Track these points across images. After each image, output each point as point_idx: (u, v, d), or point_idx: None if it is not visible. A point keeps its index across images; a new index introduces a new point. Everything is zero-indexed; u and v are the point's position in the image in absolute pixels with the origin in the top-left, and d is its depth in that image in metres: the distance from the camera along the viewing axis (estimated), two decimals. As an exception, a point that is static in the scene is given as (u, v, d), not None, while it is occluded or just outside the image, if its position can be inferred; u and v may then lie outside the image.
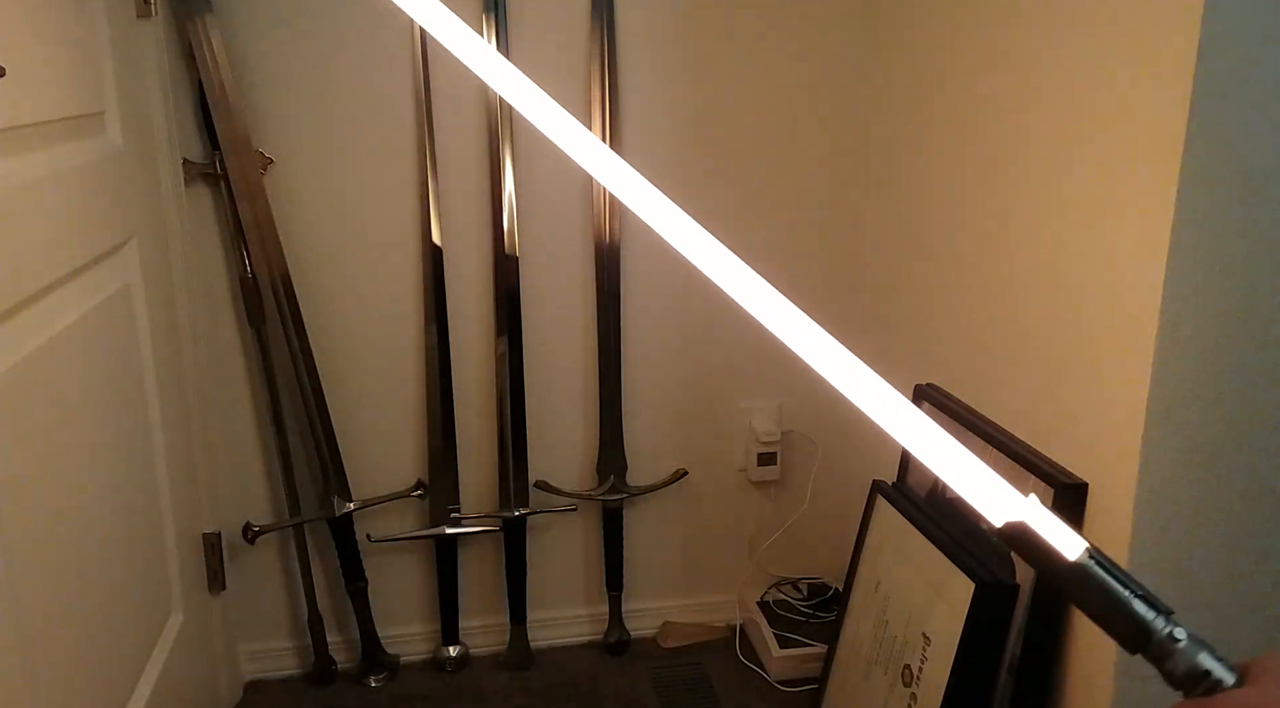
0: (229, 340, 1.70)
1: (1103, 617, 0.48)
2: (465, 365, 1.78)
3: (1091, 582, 0.48)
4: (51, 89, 1.15)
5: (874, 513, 1.59)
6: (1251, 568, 1.15)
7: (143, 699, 1.32)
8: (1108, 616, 0.48)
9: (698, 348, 1.86)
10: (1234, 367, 1.09)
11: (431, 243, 1.70)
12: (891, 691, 1.43)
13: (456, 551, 1.84)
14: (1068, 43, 1.22)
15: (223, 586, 1.71)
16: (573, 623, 1.95)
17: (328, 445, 1.73)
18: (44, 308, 1.09)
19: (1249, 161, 1.03)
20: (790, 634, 1.84)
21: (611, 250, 1.75)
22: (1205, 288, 1.06)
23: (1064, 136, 1.23)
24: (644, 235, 1.76)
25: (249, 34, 1.58)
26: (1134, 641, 0.47)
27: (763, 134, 1.77)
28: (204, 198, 1.63)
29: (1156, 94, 1.05)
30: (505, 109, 1.66)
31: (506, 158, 1.68)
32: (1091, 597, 0.48)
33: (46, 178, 1.11)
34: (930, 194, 1.60)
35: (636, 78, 1.70)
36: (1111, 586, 0.47)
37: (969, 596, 1.28)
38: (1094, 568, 0.48)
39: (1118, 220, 1.13)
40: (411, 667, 1.87)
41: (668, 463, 1.91)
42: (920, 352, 1.64)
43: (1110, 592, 0.47)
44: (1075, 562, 0.48)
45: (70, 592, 1.12)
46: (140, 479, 1.40)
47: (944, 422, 1.49)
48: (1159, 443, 1.10)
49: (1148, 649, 0.47)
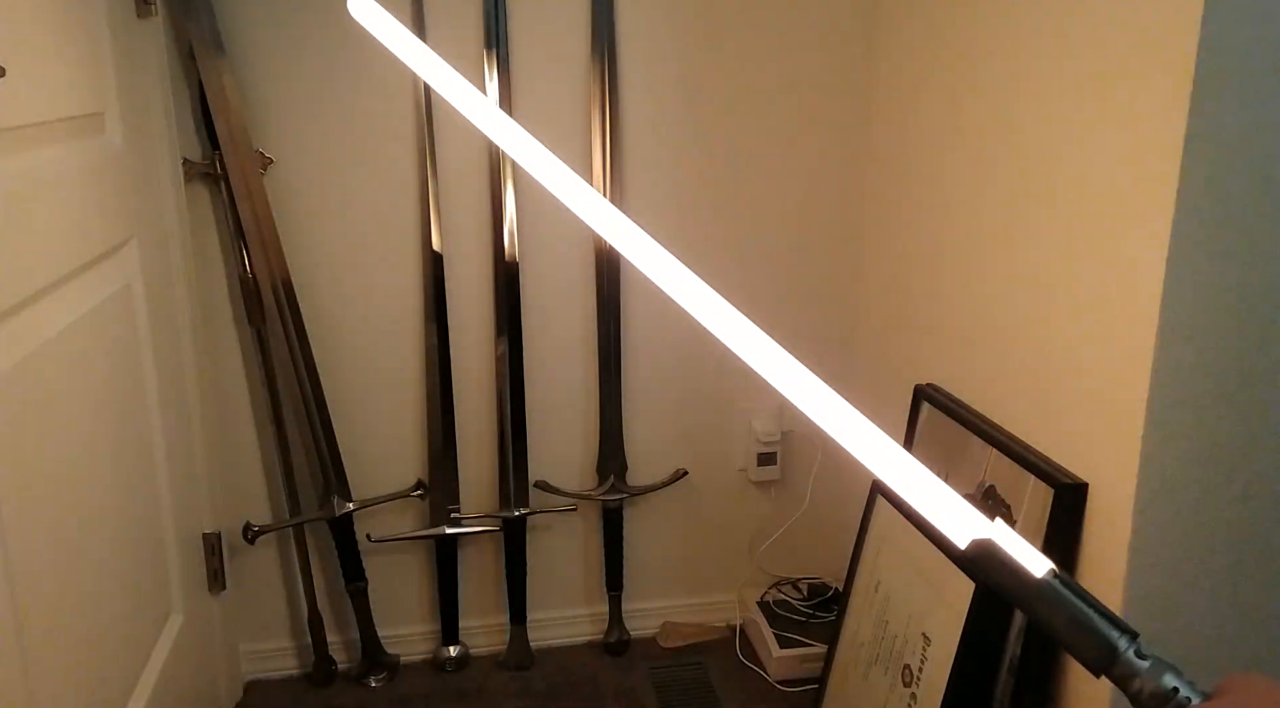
0: (229, 340, 1.70)
1: (1068, 637, 0.48)
2: (465, 366, 1.78)
3: (1057, 601, 0.48)
4: (51, 89, 1.15)
5: (874, 513, 1.59)
6: (1252, 568, 1.15)
7: (143, 699, 1.32)
8: (1073, 636, 0.48)
9: (698, 348, 1.85)
10: (1234, 367, 1.09)
11: (431, 242, 1.70)
12: (891, 691, 1.43)
13: (456, 551, 1.84)
14: (1068, 44, 1.22)
15: (223, 586, 1.71)
16: (573, 623, 1.95)
17: (328, 445, 1.73)
18: (44, 308, 1.09)
19: (1249, 161, 1.03)
20: (790, 634, 1.84)
21: (612, 251, 1.75)
22: (1205, 288, 1.06)
23: (1065, 137, 1.23)
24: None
25: (249, 34, 1.58)
26: (1099, 661, 0.47)
27: (763, 135, 1.77)
28: (204, 198, 1.63)
29: (1157, 95, 1.05)
30: (505, 108, 1.66)
31: (506, 158, 1.68)
32: (1057, 617, 0.48)
33: (46, 178, 1.11)
34: (930, 195, 1.60)
35: (636, 91, 1.70)
36: (1077, 605, 0.48)
37: (969, 596, 1.28)
38: (1060, 587, 0.48)
39: (1118, 220, 1.13)
40: (411, 667, 1.87)
41: (668, 463, 1.91)
42: (920, 352, 1.64)
43: (1076, 611, 0.48)
44: (1042, 580, 0.48)
45: (70, 592, 1.12)
46: (140, 479, 1.40)
47: (944, 422, 1.49)
48: (1159, 443, 1.10)
49: (1113, 670, 0.47)
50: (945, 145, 1.54)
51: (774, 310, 1.84)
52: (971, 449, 1.41)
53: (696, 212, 1.78)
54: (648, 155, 1.74)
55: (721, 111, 1.75)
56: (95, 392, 1.23)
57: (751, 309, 0.59)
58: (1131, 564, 1.13)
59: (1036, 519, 1.24)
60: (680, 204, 1.78)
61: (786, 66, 1.75)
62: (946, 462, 1.47)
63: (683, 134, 1.75)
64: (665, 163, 1.75)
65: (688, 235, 1.77)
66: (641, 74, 1.70)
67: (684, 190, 1.77)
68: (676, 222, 1.78)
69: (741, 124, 1.76)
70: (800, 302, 1.86)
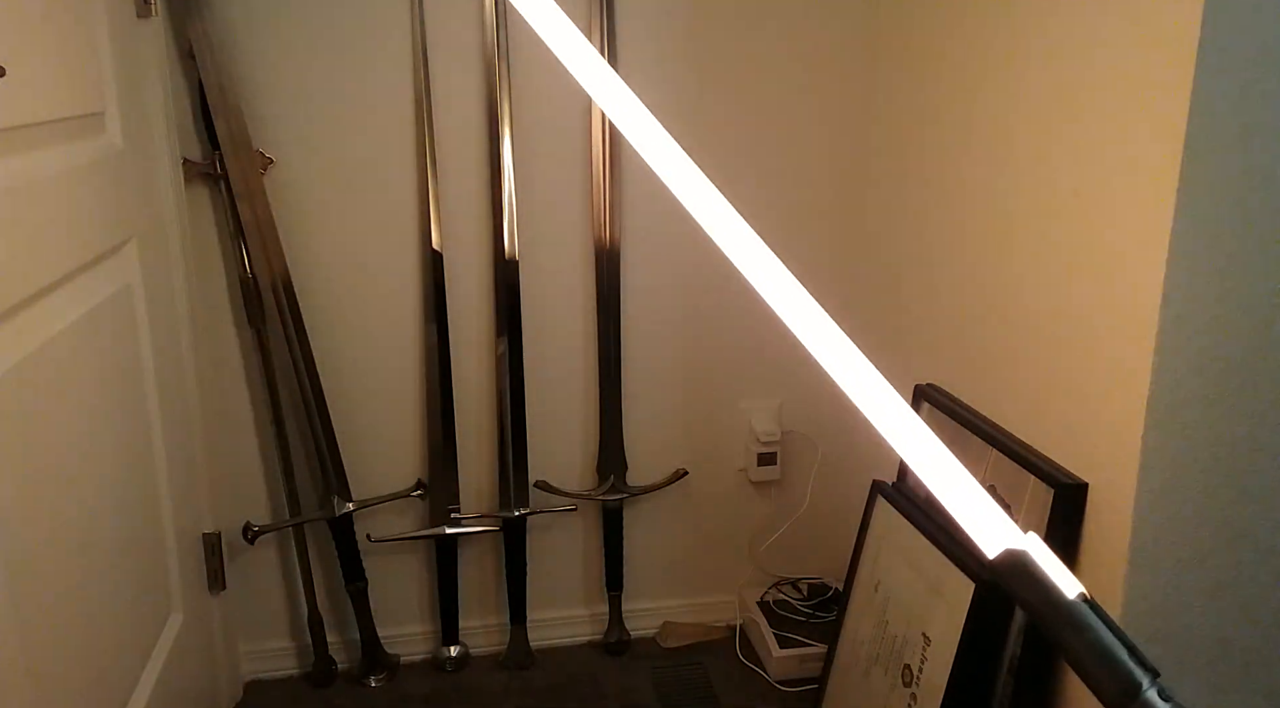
0: (229, 340, 1.70)
1: (1090, 666, 0.46)
2: (465, 366, 1.78)
3: (1084, 626, 0.46)
4: (51, 89, 1.15)
5: (874, 513, 1.59)
6: (1252, 568, 1.15)
7: (143, 699, 1.32)
8: (1095, 666, 0.46)
9: (698, 348, 1.86)
10: (1234, 367, 1.09)
11: (431, 242, 1.70)
12: (891, 691, 1.43)
13: (456, 551, 1.84)
14: (1068, 44, 1.22)
15: (223, 586, 1.71)
16: (573, 623, 1.95)
17: (328, 445, 1.73)
18: (44, 308, 1.09)
19: (1249, 161, 1.03)
20: (790, 634, 1.84)
21: (611, 251, 1.75)
22: (1205, 287, 1.06)
23: (1065, 137, 1.23)
24: (644, 237, 1.77)
25: (249, 34, 1.58)
26: (1118, 697, 0.45)
27: (762, 135, 1.77)
28: (204, 198, 1.63)
29: (1157, 94, 1.05)
30: (504, 109, 1.66)
31: (506, 158, 1.68)
32: (1082, 643, 0.46)
33: (46, 178, 1.11)
34: (930, 194, 1.60)
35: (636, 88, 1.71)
36: (1103, 634, 0.46)
37: (969, 596, 1.28)
38: (1088, 612, 0.46)
39: (1118, 220, 1.13)
40: (411, 667, 1.87)
41: (668, 463, 1.91)
42: (920, 352, 1.64)
43: (1102, 641, 0.46)
44: (1071, 602, 0.46)
45: (70, 592, 1.12)
46: (140, 479, 1.40)
47: (944, 422, 1.49)
48: (1159, 443, 1.10)
49: (1141, 697, 0.45)
50: (946, 145, 1.54)
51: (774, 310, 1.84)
52: (971, 449, 1.41)
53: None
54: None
55: (721, 110, 1.75)
56: (95, 392, 1.23)
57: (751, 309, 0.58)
58: (1131, 564, 1.13)
59: (1036, 519, 1.24)
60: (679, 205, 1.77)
61: (788, 66, 1.75)
62: (946, 462, 1.47)
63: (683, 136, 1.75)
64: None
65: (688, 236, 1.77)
66: (641, 78, 1.70)
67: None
68: (677, 222, 1.77)
69: (742, 124, 1.76)
70: (800, 302, 1.85)
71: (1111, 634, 0.46)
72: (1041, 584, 0.47)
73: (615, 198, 1.73)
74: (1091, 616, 0.46)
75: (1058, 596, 0.46)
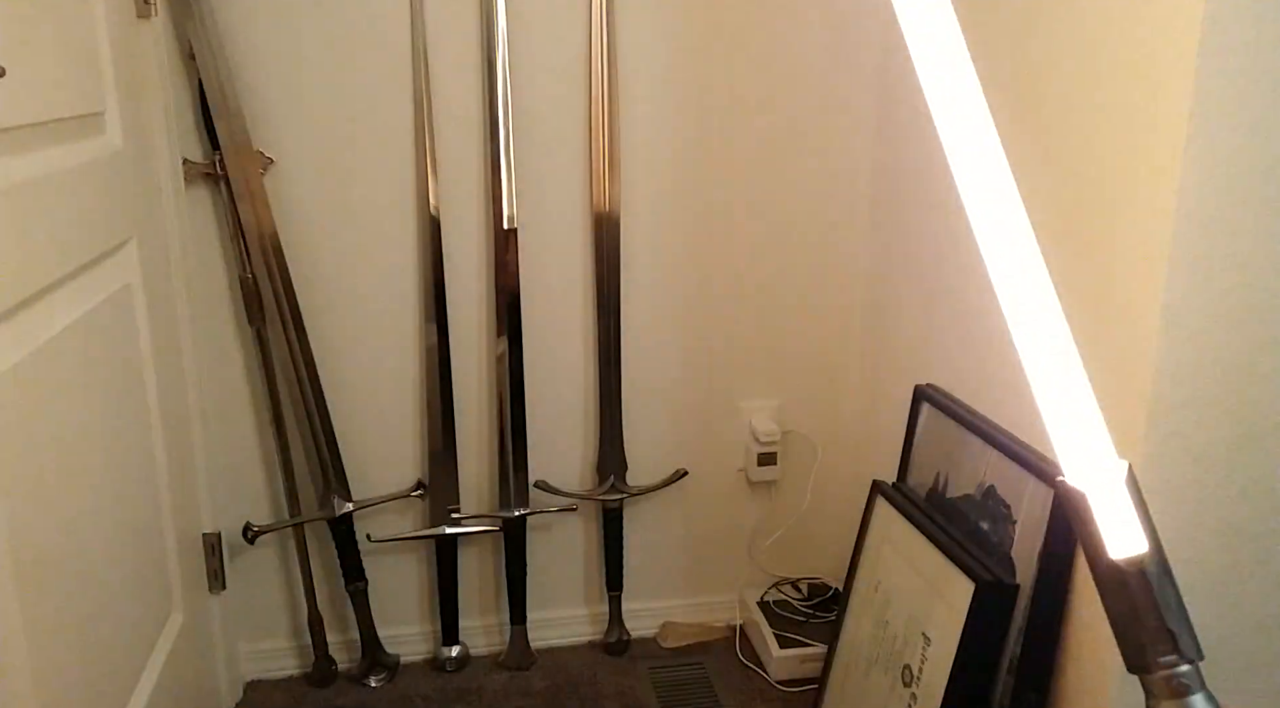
0: (229, 340, 1.70)
1: (1116, 626, 0.43)
2: (465, 365, 1.78)
3: (1119, 586, 0.43)
4: (51, 89, 1.15)
5: (874, 513, 1.59)
6: (1252, 569, 1.15)
7: (143, 699, 1.32)
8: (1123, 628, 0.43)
9: (698, 348, 1.86)
10: (1234, 367, 1.09)
11: (431, 244, 1.70)
12: (891, 691, 1.43)
13: (456, 551, 1.84)
14: (1068, 43, 1.22)
15: (223, 586, 1.71)
16: (573, 623, 1.95)
17: (328, 445, 1.73)
18: (44, 308, 1.09)
19: (1249, 161, 1.03)
20: (790, 634, 1.84)
21: (612, 252, 1.75)
22: (1205, 288, 1.06)
23: (1064, 136, 1.23)
24: (644, 237, 1.77)
25: (249, 34, 1.58)
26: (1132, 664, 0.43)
27: (762, 134, 1.77)
28: (204, 198, 1.63)
29: (1157, 94, 1.05)
30: (506, 122, 1.66)
31: (506, 158, 1.68)
32: (1114, 602, 0.43)
33: (46, 178, 1.11)
34: (930, 193, 1.60)
35: (637, 102, 1.70)
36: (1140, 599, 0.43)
37: (969, 596, 1.28)
38: (1128, 574, 0.43)
39: (1118, 220, 1.13)
40: (411, 667, 1.87)
41: (668, 463, 1.91)
42: (920, 352, 1.64)
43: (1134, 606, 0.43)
44: (1112, 560, 0.43)
45: (70, 592, 1.12)
46: (140, 479, 1.40)
47: (944, 422, 1.49)
48: (1159, 443, 1.10)
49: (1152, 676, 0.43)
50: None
51: (774, 310, 1.84)
52: (971, 449, 1.41)
53: (696, 212, 1.78)
54: (648, 155, 1.74)
55: (723, 113, 1.75)
56: (95, 392, 1.23)
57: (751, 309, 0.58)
58: (1131, 564, 1.13)
59: (1036, 519, 1.24)
60: (679, 205, 1.78)
61: (792, 66, 1.75)
62: (946, 462, 1.47)
63: (683, 137, 1.75)
64: (665, 163, 1.75)
65: (687, 235, 1.78)
66: (642, 82, 1.70)
67: (684, 192, 1.77)
68: (675, 221, 1.78)
69: (743, 125, 1.76)
70: (800, 301, 1.86)
71: (1153, 603, 0.43)
72: (1091, 534, 0.45)
73: (614, 200, 1.73)
74: (1133, 577, 0.43)
75: (1101, 550, 0.44)
